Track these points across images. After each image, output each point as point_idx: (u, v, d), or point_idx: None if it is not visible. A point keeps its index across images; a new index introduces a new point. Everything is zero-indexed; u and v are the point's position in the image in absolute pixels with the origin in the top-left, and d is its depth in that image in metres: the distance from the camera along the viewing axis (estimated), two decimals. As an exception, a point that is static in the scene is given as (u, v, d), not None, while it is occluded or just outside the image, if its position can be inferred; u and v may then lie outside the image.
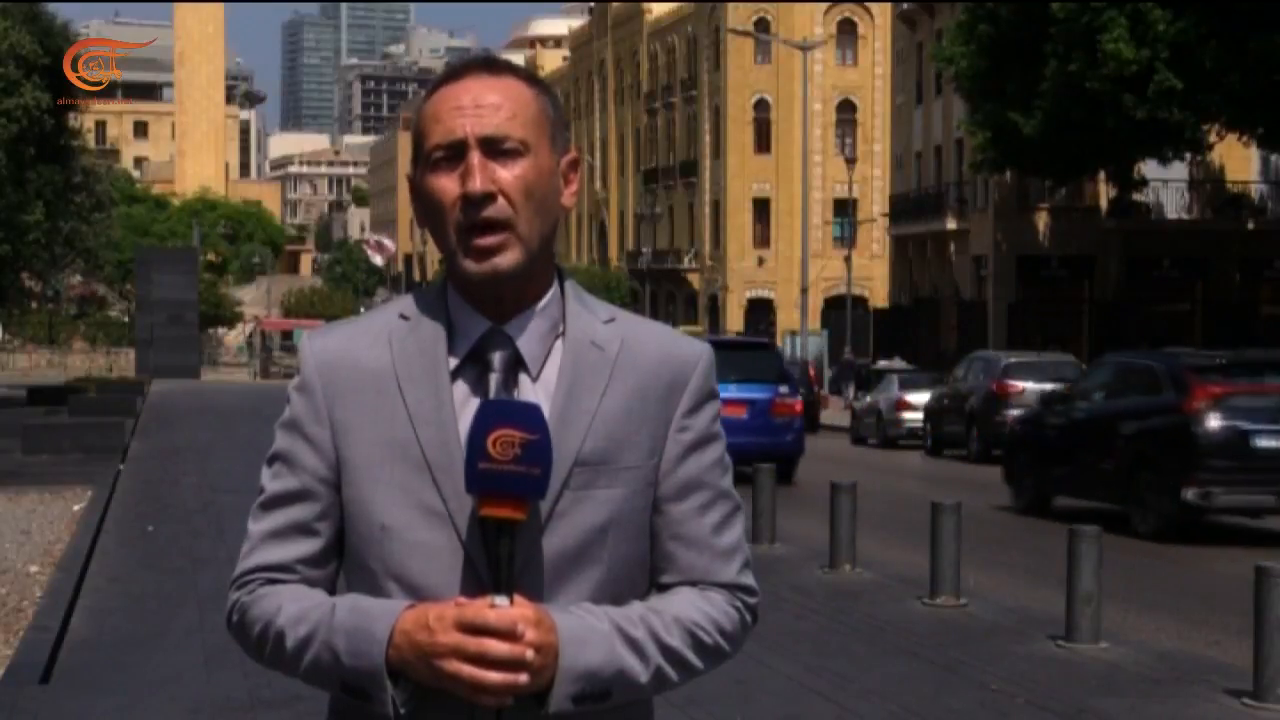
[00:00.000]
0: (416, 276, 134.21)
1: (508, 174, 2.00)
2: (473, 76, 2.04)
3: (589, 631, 1.94)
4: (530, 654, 1.86)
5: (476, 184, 1.98)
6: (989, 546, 14.32)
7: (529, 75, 2.08)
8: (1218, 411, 15.37)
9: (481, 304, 2.04)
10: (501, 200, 1.99)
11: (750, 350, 22.52)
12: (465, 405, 2.00)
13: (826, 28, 73.39)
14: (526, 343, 2.03)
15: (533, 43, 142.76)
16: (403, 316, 2.07)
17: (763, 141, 74.75)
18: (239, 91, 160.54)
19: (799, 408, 21.62)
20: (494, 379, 2.01)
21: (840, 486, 12.39)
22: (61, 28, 36.25)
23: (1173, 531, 15.27)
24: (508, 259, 2.00)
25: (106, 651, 8.79)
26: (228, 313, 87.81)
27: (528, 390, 2.02)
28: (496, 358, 2.02)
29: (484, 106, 2.00)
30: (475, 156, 1.99)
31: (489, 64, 2.07)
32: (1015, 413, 22.77)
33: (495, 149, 1.99)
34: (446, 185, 2.00)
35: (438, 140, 2.01)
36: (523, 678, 1.86)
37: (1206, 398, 15.42)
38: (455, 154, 2.00)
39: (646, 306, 75.06)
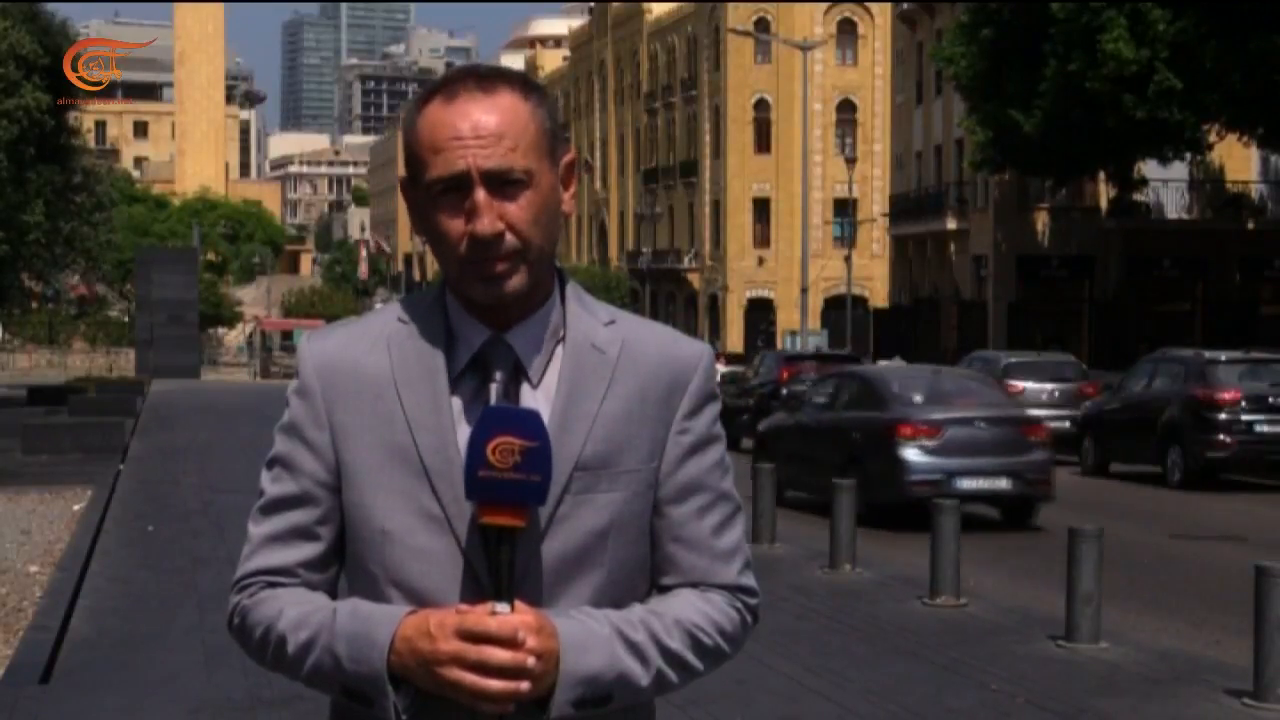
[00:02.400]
0: (416, 276, 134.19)
1: (515, 208, 1.97)
2: (467, 96, 1.98)
3: (590, 636, 1.94)
4: (531, 661, 1.85)
5: (485, 226, 1.95)
6: (989, 546, 14.32)
7: (523, 82, 2.03)
8: (792, 382, 27.01)
9: (482, 312, 2.03)
10: (510, 236, 1.97)
11: None
12: (466, 413, 1.99)
13: (826, 28, 73.34)
14: (528, 351, 2.02)
15: (533, 43, 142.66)
16: (401, 321, 2.06)
17: (763, 141, 74.68)
18: (239, 91, 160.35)
19: None
20: (494, 390, 2.00)
21: (839, 486, 12.40)
22: (61, 27, 36.20)
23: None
24: (515, 283, 1.98)
25: (106, 651, 8.79)
26: (228, 313, 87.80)
27: (528, 398, 2.01)
28: (497, 367, 2.01)
29: (485, 137, 1.95)
30: (481, 195, 1.95)
31: (480, 80, 2.01)
32: None
33: (500, 181, 1.96)
34: (452, 223, 1.97)
35: (440, 173, 1.97)
36: (524, 685, 1.86)
37: (790, 373, 28.15)
38: (458, 186, 1.96)
39: (646, 307, 75.03)
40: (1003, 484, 16.02)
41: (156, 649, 8.88)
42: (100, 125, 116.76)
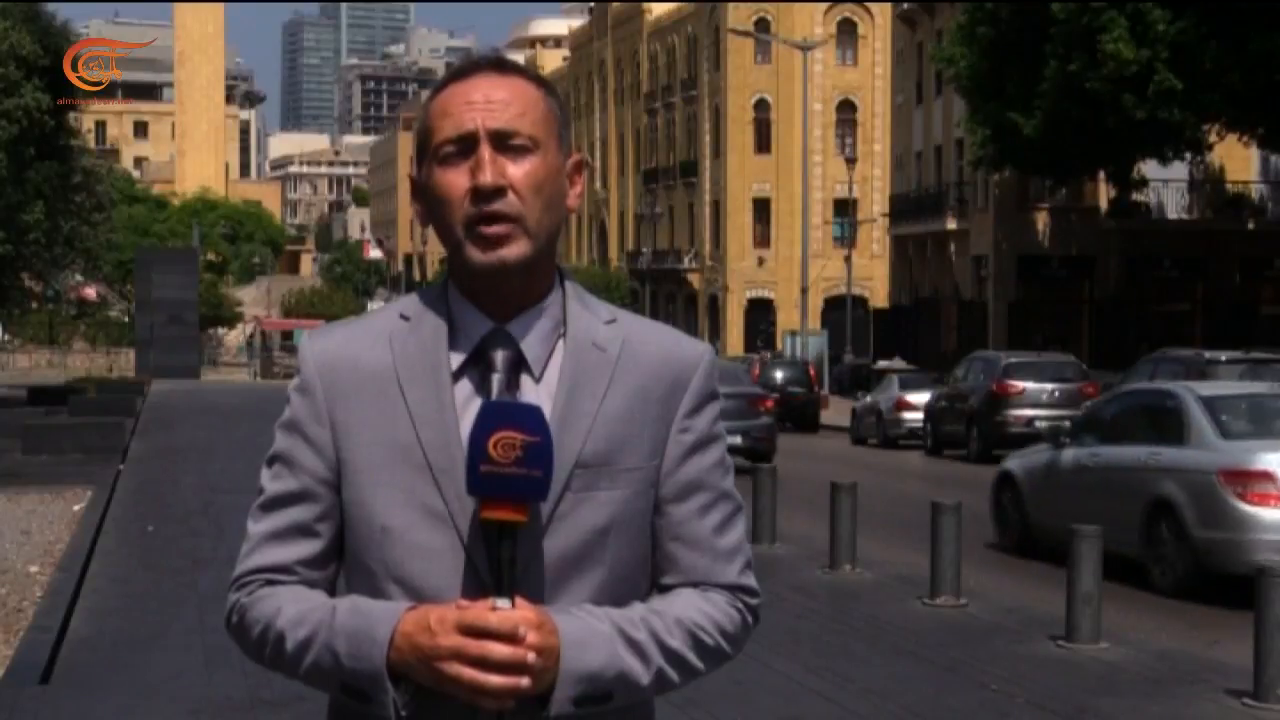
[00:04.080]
0: (416, 276, 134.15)
1: (517, 169, 2.00)
2: (482, 75, 2.05)
3: (590, 634, 1.94)
4: (532, 657, 1.85)
5: (487, 177, 1.98)
6: (989, 546, 14.33)
7: (536, 76, 2.09)
8: None
9: (484, 301, 2.03)
10: (511, 195, 1.99)
11: None
12: (467, 406, 1.99)
13: (826, 28, 73.33)
14: (529, 343, 2.03)
15: (533, 43, 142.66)
16: (403, 317, 2.06)
17: (763, 141, 74.68)
18: (239, 91, 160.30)
19: None
20: (496, 380, 2.00)
21: (840, 486, 12.40)
22: (61, 27, 36.19)
23: None
24: (514, 250, 1.99)
25: (106, 651, 8.79)
26: (228, 313, 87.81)
27: (530, 391, 2.01)
28: (499, 358, 2.01)
29: (494, 102, 2.01)
30: (486, 150, 1.99)
31: (497, 63, 2.07)
32: (1016, 413, 26.13)
33: (505, 143, 2.00)
34: (456, 179, 2.00)
35: (448, 134, 2.01)
36: (524, 681, 1.85)
37: None
38: (465, 147, 2.00)
39: (646, 306, 75.01)
40: (737, 440, 21.86)
41: (156, 649, 8.88)
42: (100, 125, 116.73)
